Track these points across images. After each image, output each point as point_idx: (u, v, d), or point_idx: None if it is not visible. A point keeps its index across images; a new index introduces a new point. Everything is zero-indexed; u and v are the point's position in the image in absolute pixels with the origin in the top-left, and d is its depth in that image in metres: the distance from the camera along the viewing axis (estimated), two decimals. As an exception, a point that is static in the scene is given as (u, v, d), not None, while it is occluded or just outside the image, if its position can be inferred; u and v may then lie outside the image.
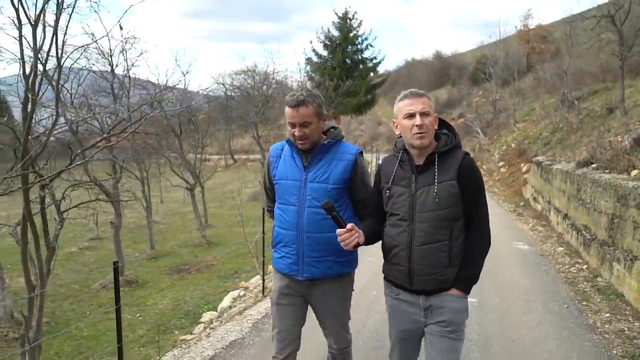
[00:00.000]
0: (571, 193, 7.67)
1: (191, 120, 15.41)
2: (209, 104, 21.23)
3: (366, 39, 29.57)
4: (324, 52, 28.94)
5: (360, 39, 29.41)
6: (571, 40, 18.02)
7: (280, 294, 2.51)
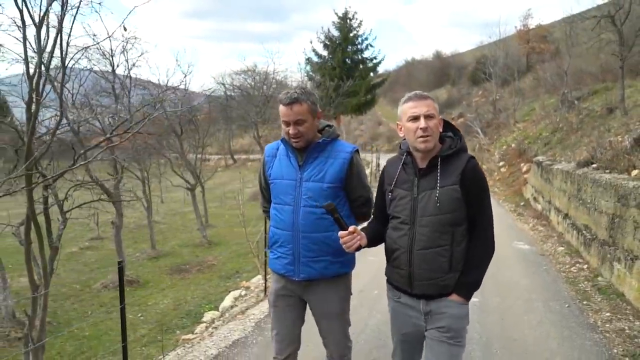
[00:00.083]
0: (571, 193, 7.69)
1: (192, 120, 15.42)
2: (209, 104, 21.22)
3: (366, 39, 29.52)
4: (324, 52, 28.89)
5: (360, 39, 29.34)
6: (571, 40, 18.03)
7: (276, 296, 2.49)
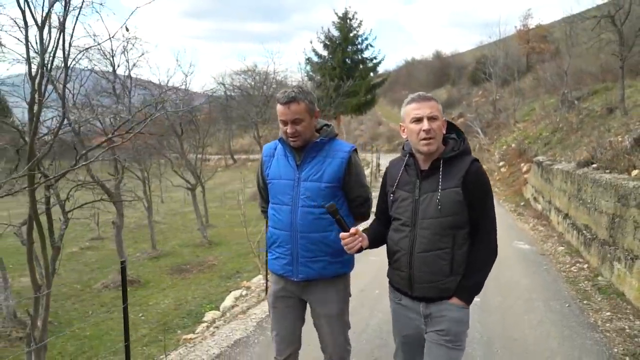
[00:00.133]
0: (572, 193, 7.70)
1: (192, 120, 15.43)
2: (210, 104, 21.22)
3: (366, 39, 29.53)
4: (324, 52, 28.90)
5: (360, 39, 29.34)
6: (571, 40, 18.06)
7: (275, 297, 2.48)
